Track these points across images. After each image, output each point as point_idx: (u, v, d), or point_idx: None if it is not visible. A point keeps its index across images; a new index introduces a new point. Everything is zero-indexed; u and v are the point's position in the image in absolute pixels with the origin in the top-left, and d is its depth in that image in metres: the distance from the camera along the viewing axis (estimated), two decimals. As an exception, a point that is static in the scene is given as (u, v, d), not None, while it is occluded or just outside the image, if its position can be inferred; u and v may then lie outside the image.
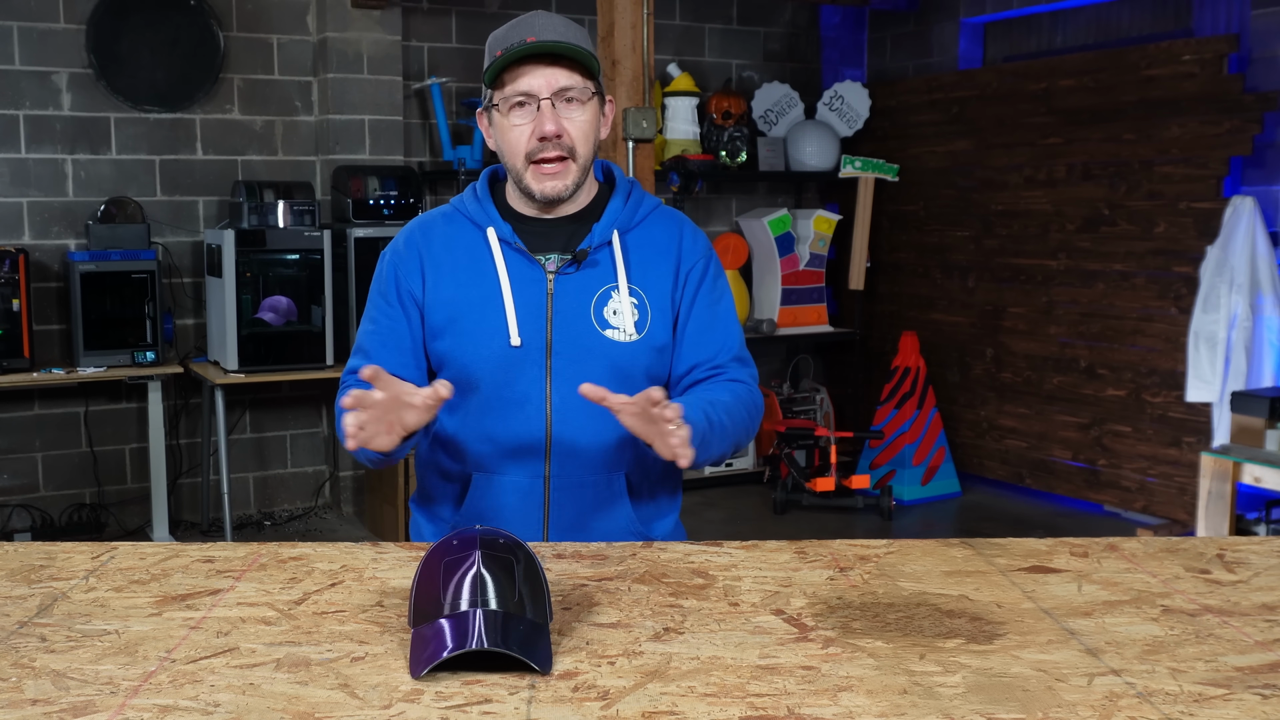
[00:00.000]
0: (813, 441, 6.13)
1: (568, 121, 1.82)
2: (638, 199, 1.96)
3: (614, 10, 4.23)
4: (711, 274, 1.96)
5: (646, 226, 1.94)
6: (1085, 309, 5.89)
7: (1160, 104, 5.49)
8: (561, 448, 1.87)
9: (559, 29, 1.82)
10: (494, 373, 1.87)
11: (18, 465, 5.41)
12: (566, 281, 1.88)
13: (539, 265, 1.88)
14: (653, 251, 1.93)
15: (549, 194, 1.85)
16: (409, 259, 1.93)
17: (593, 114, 1.86)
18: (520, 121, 1.83)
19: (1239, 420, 4.52)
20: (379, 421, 1.70)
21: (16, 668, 1.30)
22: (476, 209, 1.93)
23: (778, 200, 7.03)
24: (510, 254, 1.89)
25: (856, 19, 7.22)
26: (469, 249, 1.91)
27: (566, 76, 1.81)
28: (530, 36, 1.80)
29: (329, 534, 5.67)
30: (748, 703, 1.21)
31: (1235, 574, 1.66)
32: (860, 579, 1.62)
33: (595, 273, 1.88)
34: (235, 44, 5.65)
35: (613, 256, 1.90)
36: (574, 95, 1.82)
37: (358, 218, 5.45)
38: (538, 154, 1.83)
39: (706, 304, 1.94)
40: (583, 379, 1.76)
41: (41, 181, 5.34)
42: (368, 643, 1.37)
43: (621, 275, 1.89)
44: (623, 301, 1.88)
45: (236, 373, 5.13)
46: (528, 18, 1.85)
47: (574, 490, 1.88)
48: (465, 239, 1.92)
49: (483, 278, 1.88)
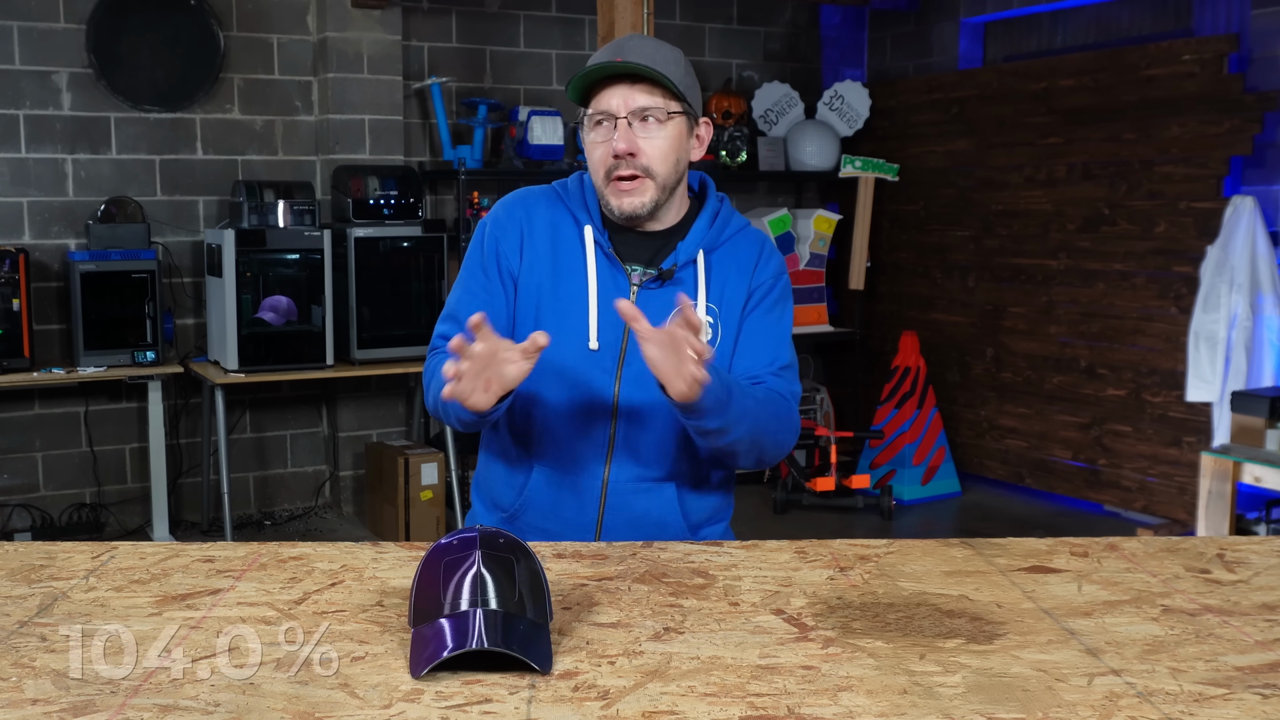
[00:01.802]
0: (813, 441, 6.13)
1: (644, 140, 1.86)
2: (725, 219, 1.99)
3: (614, 10, 4.23)
4: (776, 294, 1.99)
5: (730, 246, 1.98)
6: (1085, 309, 5.89)
7: (1160, 104, 5.49)
8: (623, 454, 1.92)
9: (647, 51, 1.86)
10: (568, 372, 1.90)
11: (18, 465, 5.41)
12: (649, 295, 1.91)
13: (625, 275, 1.92)
14: (734, 271, 1.96)
15: (625, 210, 1.89)
16: (510, 231, 1.96)
17: (673, 133, 1.88)
18: (600, 139, 1.88)
19: (1239, 420, 4.52)
20: (477, 376, 1.69)
21: (16, 667, 1.30)
22: (579, 202, 1.96)
23: (778, 200, 7.03)
24: (600, 257, 1.93)
25: (857, 19, 7.22)
26: (566, 239, 1.94)
27: (645, 96, 1.85)
28: (618, 57, 1.84)
29: (329, 534, 5.67)
30: (748, 702, 1.21)
31: (1235, 574, 1.66)
32: (860, 579, 1.62)
33: (677, 289, 1.92)
34: (235, 44, 5.65)
35: (695, 275, 1.94)
36: (651, 115, 1.86)
37: (358, 217, 5.45)
38: (614, 171, 1.87)
39: (766, 321, 1.97)
40: (651, 390, 1.79)
41: (42, 181, 5.34)
42: (368, 642, 1.37)
43: (702, 295, 1.93)
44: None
45: (236, 372, 5.13)
46: (622, 40, 1.90)
47: (630, 495, 1.92)
48: (564, 228, 1.95)
49: (573, 274, 1.92)
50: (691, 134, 1.93)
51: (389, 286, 5.44)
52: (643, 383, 1.86)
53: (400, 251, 5.46)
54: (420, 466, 5.34)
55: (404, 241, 5.46)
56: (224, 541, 3.22)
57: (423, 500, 5.34)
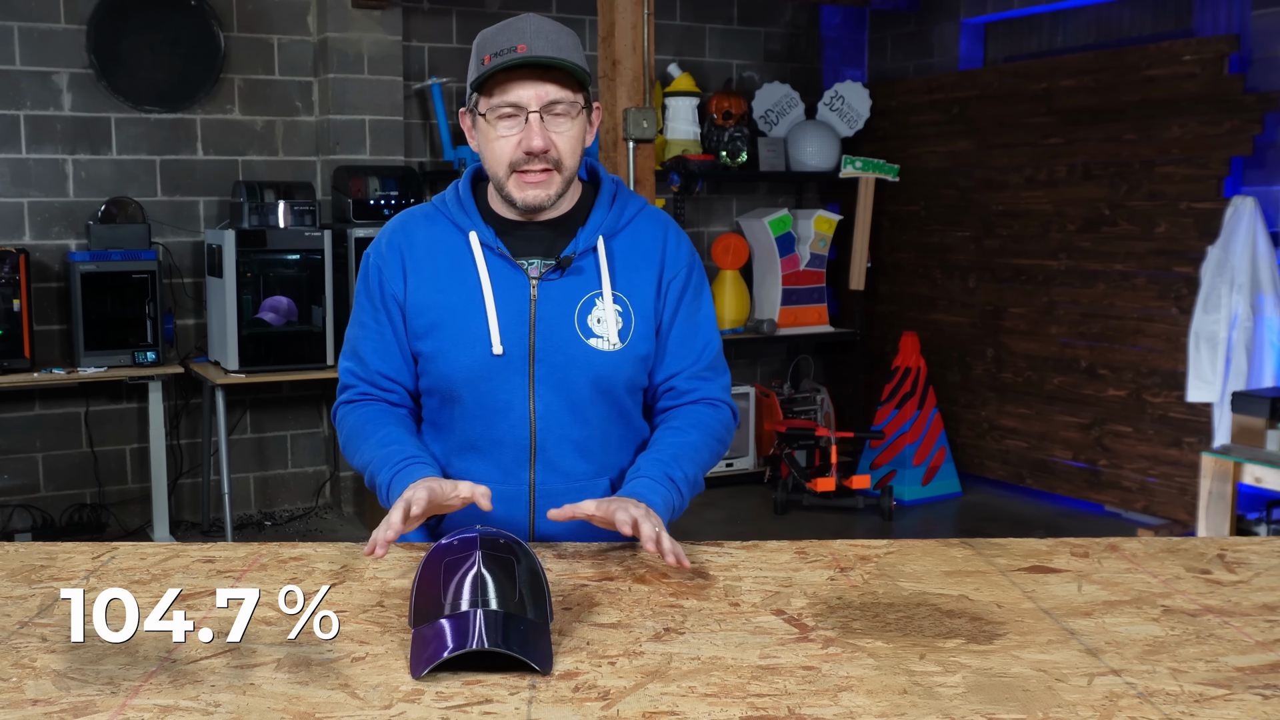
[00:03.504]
0: (813, 441, 6.13)
1: (555, 135, 1.79)
2: (623, 202, 1.92)
3: (614, 10, 4.23)
4: (694, 283, 1.93)
5: (632, 230, 1.91)
6: (1086, 309, 5.89)
7: (1161, 104, 5.49)
8: (546, 456, 1.86)
9: (550, 37, 1.77)
10: (476, 381, 1.84)
11: (18, 465, 5.41)
12: (550, 288, 1.84)
13: (522, 271, 1.85)
14: (638, 257, 1.89)
15: (531, 203, 1.82)
16: (391, 259, 1.89)
17: (581, 127, 1.82)
18: (507, 133, 1.79)
19: (1239, 420, 4.52)
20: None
21: (17, 668, 1.30)
22: (458, 210, 1.89)
23: (778, 200, 7.03)
24: (492, 258, 1.85)
25: (857, 19, 7.22)
26: (450, 251, 1.87)
27: (556, 90, 1.77)
28: (521, 44, 1.74)
29: (329, 534, 5.67)
30: (748, 703, 1.21)
31: (1236, 574, 1.66)
32: (860, 579, 1.62)
33: (579, 279, 1.85)
34: (235, 44, 5.65)
35: (597, 263, 1.86)
36: (562, 109, 1.78)
37: (358, 218, 5.45)
38: (522, 165, 1.80)
39: (688, 314, 1.92)
40: (565, 388, 1.81)
41: (42, 181, 5.34)
42: (368, 643, 1.37)
43: (606, 283, 1.85)
44: (607, 309, 1.85)
45: (237, 373, 5.14)
46: (519, 22, 1.79)
47: (559, 498, 1.84)
48: (447, 241, 1.88)
49: (464, 283, 1.85)
50: (589, 121, 1.86)
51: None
52: (557, 382, 1.83)
53: (400, 252, 5.45)
54: (420, 467, 5.33)
55: (404, 242, 5.45)
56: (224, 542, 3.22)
57: (423, 500, 5.34)
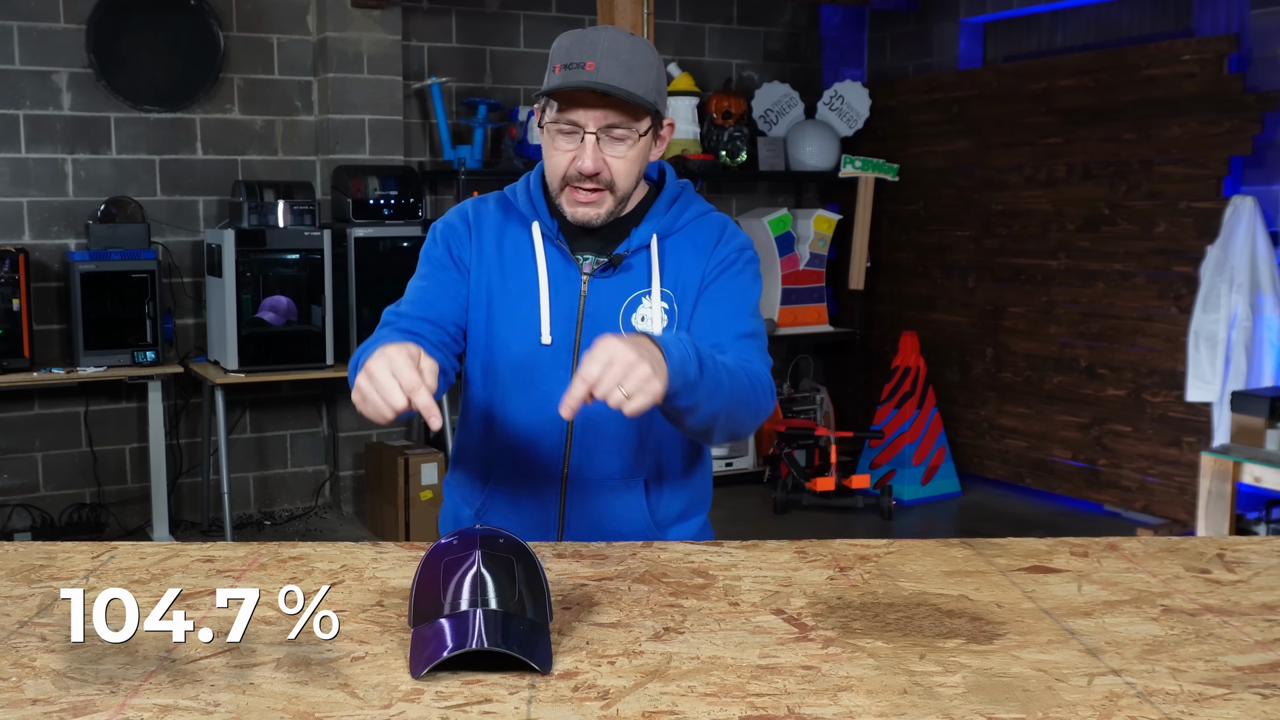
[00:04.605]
0: (813, 441, 6.13)
1: (611, 157, 1.80)
2: (684, 205, 1.92)
3: (614, 10, 4.23)
4: (740, 264, 1.90)
5: (688, 232, 1.91)
6: (1085, 309, 5.89)
7: (1160, 104, 5.49)
8: (581, 449, 1.88)
9: (622, 58, 1.75)
10: (521, 369, 1.88)
11: (18, 465, 5.40)
12: (600, 284, 1.87)
13: (575, 265, 1.88)
14: (689, 254, 1.90)
15: (580, 220, 1.84)
16: (461, 231, 1.94)
17: (641, 149, 1.82)
18: (564, 147, 1.81)
19: (1239, 420, 4.52)
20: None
21: (16, 667, 1.29)
22: (525, 201, 1.93)
23: (778, 200, 7.03)
24: (551, 250, 1.89)
25: (856, 19, 7.22)
26: (515, 239, 1.92)
27: (616, 115, 1.77)
28: (590, 61, 1.74)
29: (329, 534, 5.67)
30: (748, 702, 1.21)
31: (1235, 574, 1.66)
32: (860, 579, 1.62)
33: (629, 277, 1.88)
34: (235, 44, 5.65)
35: (649, 261, 1.88)
36: (620, 133, 1.79)
37: (358, 218, 5.45)
38: (574, 181, 1.82)
39: (726, 285, 1.88)
40: None
41: (41, 181, 5.33)
42: (367, 642, 1.37)
43: (655, 281, 1.87)
44: (654, 308, 1.87)
45: (236, 372, 5.13)
46: (594, 35, 1.78)
47: (591, 491, 1.89)
48: (512, 228, 1.93)
49: (523, 271, 1.89)
50: (656, 137, 1.86)
51: (389, 286, 5.40)
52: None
53: (400, 251, 5.46)
54: (420, 466, 5.34)
55: (404, 241, 5.46)
56: (224, 541, 3.22)
57: (423, 500, 5.34)
